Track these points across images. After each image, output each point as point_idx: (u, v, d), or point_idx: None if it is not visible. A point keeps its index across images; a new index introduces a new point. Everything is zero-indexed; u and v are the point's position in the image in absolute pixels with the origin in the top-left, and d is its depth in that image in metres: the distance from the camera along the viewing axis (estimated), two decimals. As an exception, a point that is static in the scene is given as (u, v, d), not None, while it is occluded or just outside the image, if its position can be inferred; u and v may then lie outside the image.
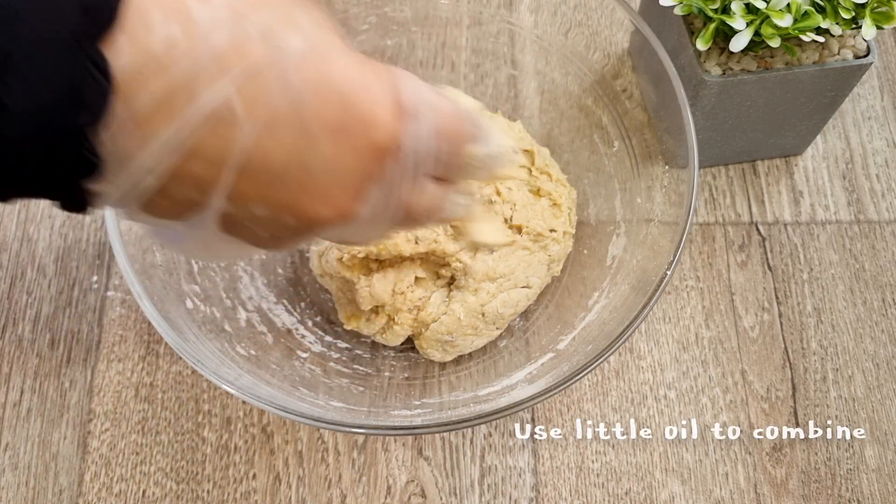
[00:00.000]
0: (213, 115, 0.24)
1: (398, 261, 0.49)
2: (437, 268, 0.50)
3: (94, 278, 0.56)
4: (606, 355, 0.42)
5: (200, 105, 0.24)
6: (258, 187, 0.27)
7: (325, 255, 0.50)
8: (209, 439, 0.51)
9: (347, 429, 0.42)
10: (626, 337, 0.43)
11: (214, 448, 0.51)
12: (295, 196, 0.27)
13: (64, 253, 0.57)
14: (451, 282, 0.50)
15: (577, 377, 0.42)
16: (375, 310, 0.50)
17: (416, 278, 0.49)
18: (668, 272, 0.44)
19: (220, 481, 0.50)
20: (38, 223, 0.58)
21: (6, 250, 0.57)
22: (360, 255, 0.48)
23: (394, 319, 0.49)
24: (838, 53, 0.53)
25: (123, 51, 0.23)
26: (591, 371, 0.42)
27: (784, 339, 0.55)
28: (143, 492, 0.50)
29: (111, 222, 0.44)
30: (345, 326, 0.51)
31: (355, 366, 0.52)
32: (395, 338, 0.50)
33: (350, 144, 0.27)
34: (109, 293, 0.56)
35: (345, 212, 0.29)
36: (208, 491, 0.50)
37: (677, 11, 0.51)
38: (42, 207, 0.59)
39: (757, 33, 0.49)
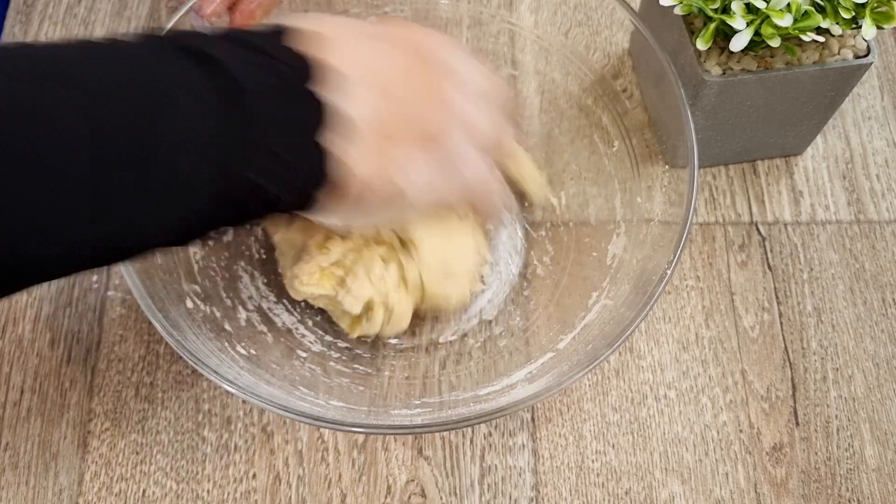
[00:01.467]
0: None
1: (357, 256, 0.49)
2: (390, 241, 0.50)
3: (94, 278, 0.56)
4: (606, 355, 0.42)
5: None
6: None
7: (292, 284, 0.50)
8: (209, 439, 0.51)
9: (347, 428, 0.42)
10: (626, 336, 0.43)
11: (214, 447, 0.51)
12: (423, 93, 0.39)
13: (64, 252, 0.57)
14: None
15: (577, 376, 0.42)
16: (369, 307, 0.50)
17: (382, 260, 0.49)
18: (669, 272, 0.44)
19: (221, 481, 0.50)
20: (38, 223, 0.58)
21: (6, 250, 0.57)
22: (321, 269, 0.48)
23: (387, 304, 0.49)
24: (838, 53, 0.53)
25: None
26: (591, 370, 0.42)
27: (784, 338, 0.55)
28: (144, 491, 0.50)
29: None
30: (351, 336, 0.51)
31: (355, 365, 0.52)
32: (403, 319, 0.50)
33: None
34: (109, 293, 0.56)
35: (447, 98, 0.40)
36: (208, 490, 0.50)
37: (677, 11, 0.51)
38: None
39: (757, 33, 0.49)
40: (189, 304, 0.48)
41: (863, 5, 0.50)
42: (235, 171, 0.33)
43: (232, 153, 0.33)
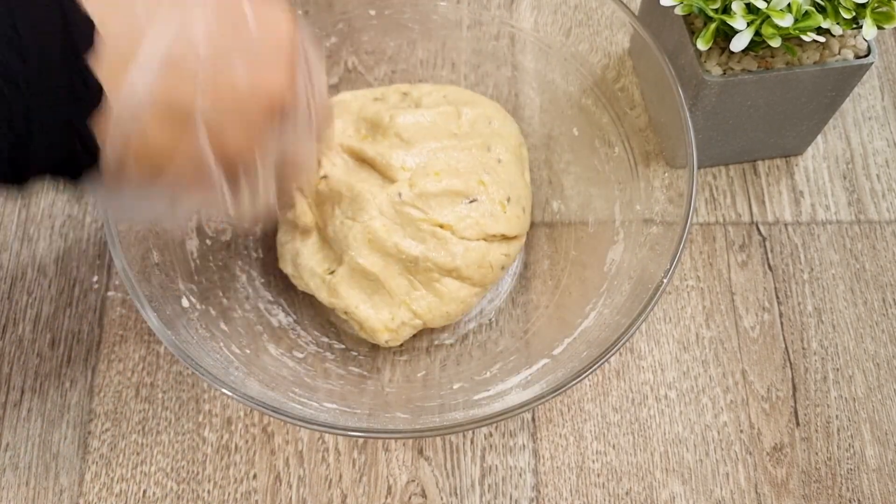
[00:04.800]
0: (170, 51, 0.31)
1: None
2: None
3: (95, 278, 0.56)
4: (601, 362, 0.42)
5: (159, 41, 0.31)
6: (218, 82, 0.33)
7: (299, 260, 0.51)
8: (210, 439, 0.51)
9: (343, 432, 0.42)
10: (622, 343, 0.42)
11: (215, 448, 0.51)
12: (247, 78, 0.34)
13: (64, 253, 0.57)
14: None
15: (573, 383, 0.42)
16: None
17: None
18: (669, 272, 0.44)
19: (221, 481, 0.50)
20: (38, 223, 0.58)
21: (6, 250, 0.57)
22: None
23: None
24: (839, 53, 0.53)
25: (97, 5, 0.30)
26: (585, 377, 0.42)
27: (784, 339, 0.55)
28: (144, 492, 0.50)
29: (110, 224, 0.44)
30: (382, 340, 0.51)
31: (352, 367, 0.52)
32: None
33: (269, 36, 0.35)
34: (110, 293, 0.56)
35: (283, 87, 0.35)
36: (209, 491, 0.50)
37: (678, 11, 0.51)
38: (42, 207, 0.59)
39: (757, 33, 0.49)
40: (185, 302, 0.48)
41: (863, 5, 0.50)
42: None
43: None
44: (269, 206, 0.40)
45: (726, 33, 0.50)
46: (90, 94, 0.30)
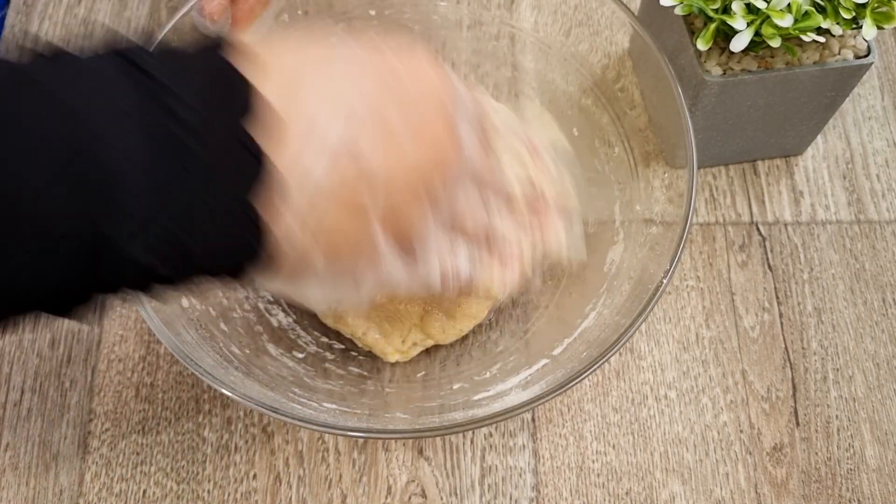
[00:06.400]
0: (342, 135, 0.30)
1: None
2: None
3: (95, 278, 0.56)
4: (601, 362, 0.42)
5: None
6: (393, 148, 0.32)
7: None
8: (209, 439, 0.51)
9: (343, 432, 0.42)
10: (622, 343, 0.42)
11: (215, 448, 0.51)
12: (415, 154, 0.32)
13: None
14: None
15: (573, 383, 0.42)
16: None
17: None
18: (669, 272, 0.44)
19: (221, 481, 0.50)
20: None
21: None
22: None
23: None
24: (839, 53, 0.53)
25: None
26: (585, 378, 0.42)
27: (784, 339, 0.55)
28: (144, 492, 0.50)
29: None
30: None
31: (352, 367, 0.52)
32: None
33: (426, 111, 0.33)
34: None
35: (450, 155, 0.34)
36: (209, 491, 0.50)
37: (678, 11, 0.51)
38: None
39: (757, 33, 0.49)
40: (185, 303, 0.48)
41: (863, 5, 0.50)
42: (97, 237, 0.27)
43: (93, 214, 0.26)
44: (455, 278, 0.39)
45: (726, 33, 0.50)
46: (263, 173, 0.28)
